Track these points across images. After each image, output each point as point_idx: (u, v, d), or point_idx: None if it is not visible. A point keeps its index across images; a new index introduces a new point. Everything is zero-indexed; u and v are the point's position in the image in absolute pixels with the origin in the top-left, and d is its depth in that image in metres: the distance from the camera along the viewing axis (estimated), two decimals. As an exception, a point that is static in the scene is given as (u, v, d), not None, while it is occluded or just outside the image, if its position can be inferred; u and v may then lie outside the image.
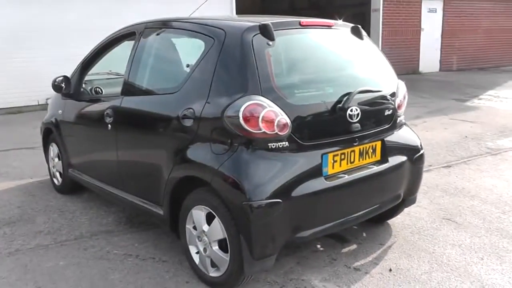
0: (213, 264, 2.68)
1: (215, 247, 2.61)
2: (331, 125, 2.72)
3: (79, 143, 3.99)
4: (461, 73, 14.84)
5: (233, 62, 2.55)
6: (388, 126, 3.07)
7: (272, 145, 2.47)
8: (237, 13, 11.17)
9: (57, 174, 4.50)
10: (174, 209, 2.86)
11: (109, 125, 3.31)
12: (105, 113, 3.36)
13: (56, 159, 4.47)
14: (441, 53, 15.13)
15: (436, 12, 14.86)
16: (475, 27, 15.37)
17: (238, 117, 2.41)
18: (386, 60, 3.28)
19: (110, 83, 4.33)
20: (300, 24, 2.81)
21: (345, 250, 3.24)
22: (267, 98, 2.45)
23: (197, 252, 2.78)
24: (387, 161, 3.03)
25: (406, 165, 3.16)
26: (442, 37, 15.03)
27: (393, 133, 3.13)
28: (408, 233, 3.51)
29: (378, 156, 3.01)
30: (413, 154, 3.25)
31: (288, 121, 2.47)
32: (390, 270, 2.97)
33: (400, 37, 14.01)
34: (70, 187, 4.39)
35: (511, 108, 9.01)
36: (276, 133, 2.45)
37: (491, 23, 15.65)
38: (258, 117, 2.39)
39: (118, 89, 3.97)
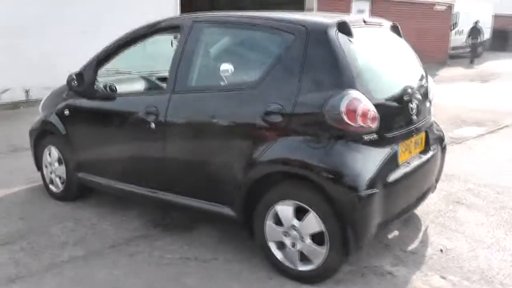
0: (301, 258, 2.70)
1: (309, 241, 2.64)
2: (399, 118, 2.87)
3: (98, 145, 3.72)
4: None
5: (324, 58, 2.59)
6: (428, 118, 3.30)
7: (365, 137, 2.57)
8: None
9: (57, 180, 4.13)
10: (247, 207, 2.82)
11: (153, 124, 3.15)
12: (146, 111, 3.19)
13: (56, 164, 4.11)
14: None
15: (364, 13, 15.82)
16: (397, 28, 16.55)
17: (339, 111, 2.47)
18: (417, 57, 3.51)
19: (123, 79, 4.11)
20: (363, 22, 2.93)
21: (391, 236, 3.42)
22: (360, 93, 2.53)
23: (279, 248, 2.78)
24: (429, 150, 3.26)
25: (438, 153, 3.42)
26: (369, 37, 16.02)
27: (430, 125, 3.37)
28: (433, 217, 3.79)
29: (423, 146, 3.22)
30: (441, 143, 3.52)
31: (377, 114, 2.58)
32: (441, 250, 3.21)
33: (334, 36, 14.67)
34: (76, 193, 4.08)
35: (451, 101, 9.91)
36: (369, 126, 2.55)
37: (412, 25, 16.97)
38: (356, 111, 2.48)
39: (146, 86, 3.85)
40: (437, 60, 18.27)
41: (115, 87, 3.86)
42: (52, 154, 4.12)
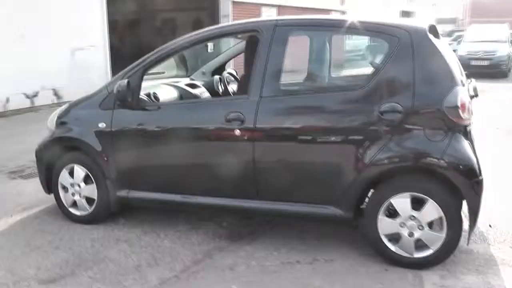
0: (416, 246, 2.89)
1: (427, 228, 2.85)
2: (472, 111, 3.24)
3: (155, 158, 3.45)
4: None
5: (431, 58, 2.84)
6: None
7: (469, 129, 2.88)
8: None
9: (83, 202, 3.73)
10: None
11: (237, 131, 3.07)
12: (227, 118, 3.09)
13: (82, 184, 3.70)
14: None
15: (272, 19, 16.55)
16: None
17: (456, 106, 2.74)
18: None
19: (153, 87, 3.88)
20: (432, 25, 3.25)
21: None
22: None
23: (389, 240, 2.94)
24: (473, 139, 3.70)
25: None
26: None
27: None
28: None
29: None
30: None
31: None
32: (490, 226, 3.63)
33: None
34: (110, 213, 3.73)
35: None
36: (470, 119, 2.88)
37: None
38: (465, 105, 2.77)
39: (177, 94, 3.74)
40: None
41: (156, 95, 3.65)
42: (76, 173, 3.71)
